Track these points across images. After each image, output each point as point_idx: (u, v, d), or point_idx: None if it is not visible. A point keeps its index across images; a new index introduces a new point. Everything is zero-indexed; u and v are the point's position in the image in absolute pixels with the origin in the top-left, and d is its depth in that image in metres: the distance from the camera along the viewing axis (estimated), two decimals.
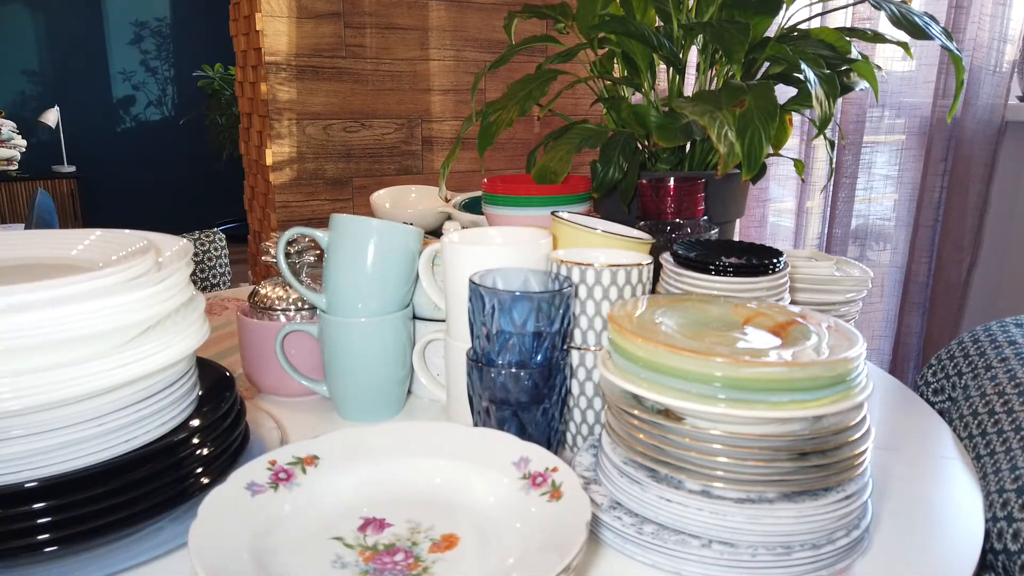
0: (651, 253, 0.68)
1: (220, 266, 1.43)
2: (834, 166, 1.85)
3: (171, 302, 0.50)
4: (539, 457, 0.51)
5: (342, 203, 1.99)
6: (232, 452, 0.55)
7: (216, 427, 0.54)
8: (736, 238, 1.27)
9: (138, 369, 0.47)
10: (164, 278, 0.49)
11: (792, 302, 0.79)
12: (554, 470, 0.49)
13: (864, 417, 0.51)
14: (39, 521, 0.44)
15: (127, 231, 0.57)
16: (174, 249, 0.55)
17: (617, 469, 0.52)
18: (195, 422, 0.53)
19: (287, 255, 0.73)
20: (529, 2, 1.76)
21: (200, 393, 0.56)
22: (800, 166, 1.06)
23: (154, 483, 0.48)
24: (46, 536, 0.44)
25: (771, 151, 0.94)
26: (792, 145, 1.96)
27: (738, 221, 1.32)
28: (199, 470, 0.52)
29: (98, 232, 0.57)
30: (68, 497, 0.44)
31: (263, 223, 2.06)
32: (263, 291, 0.76)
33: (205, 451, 0.52)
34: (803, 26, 1.01)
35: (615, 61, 1.07)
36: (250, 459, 0.54)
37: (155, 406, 0.50)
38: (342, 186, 1.99)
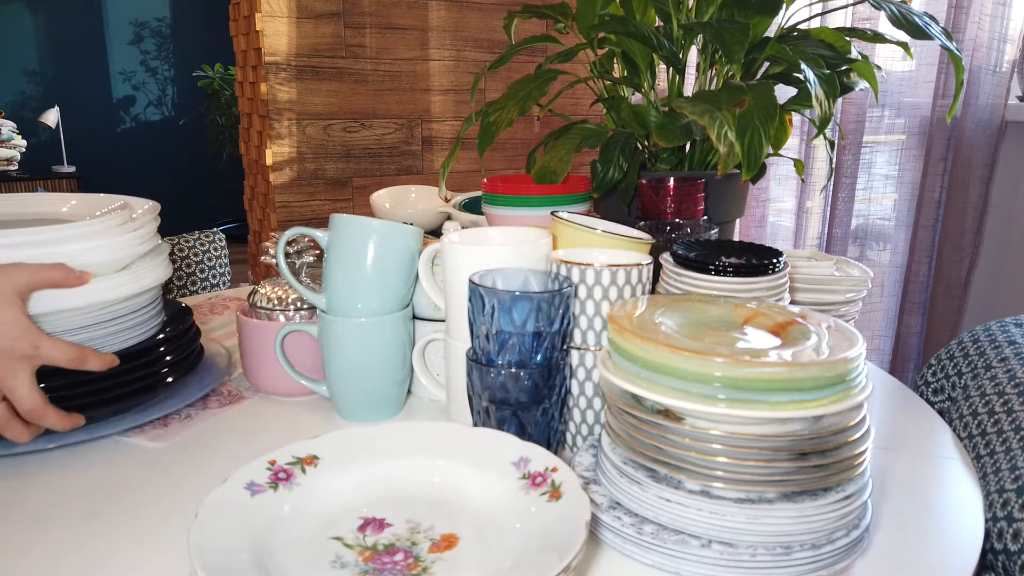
0: (651, 253, 0.68)
1: (220, 266, 1.43)
2: (834, 166, 1.85)
3: (144, 246, 0.69)
4: (539, 457, 0.51)
5: (342, 203, 2.00)
6: (190, 361, 0.75)
7: (176, 340, 0.74)
8: (736, 238, 1.27)
9: (117, 293, 0.65)
10: (138, 227, 0.69)
11: (792, 302, 0.79)
12: (554, 470, 0.49)
13: (864, 417, 0.51)
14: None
15: (102, 194, 0.76)
16: (145, 207, 0.74)
17: (617, 469, 0.52)
18: (160, 336, 0.73)
19: (287, 255, 0.73)
20: (529, 2, 1.76)
21: (165, 319, 0.76)
22: (800, 166, 1.06)
23: (129, 375, 0.68)
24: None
25: (771, 151, 0.94)
26: (792, 145, 1.96)
27: (738, 221, 1.32)
28: (164, 371, 0.71)
29: (78, 195, 0.77)
30: (66, 379, 0.63)
31: (263, 223, 2.06)
32: (263, 291, 0.76)
33: (169, 357, 0.72)
34: (803, 26, 1.01)
35: (615, 61, 1.07)
36: (203, 374, 0.77)
37: (132, 321, 0.69)
38: (342, 186, 1.99)
